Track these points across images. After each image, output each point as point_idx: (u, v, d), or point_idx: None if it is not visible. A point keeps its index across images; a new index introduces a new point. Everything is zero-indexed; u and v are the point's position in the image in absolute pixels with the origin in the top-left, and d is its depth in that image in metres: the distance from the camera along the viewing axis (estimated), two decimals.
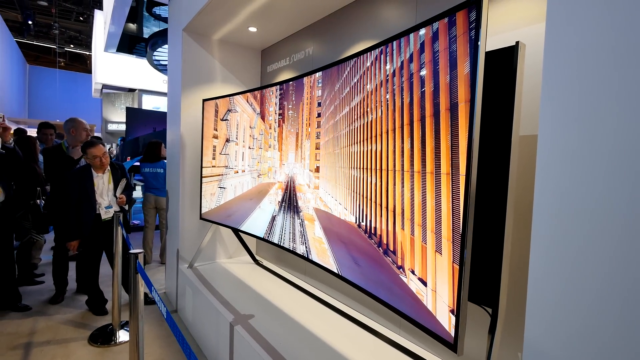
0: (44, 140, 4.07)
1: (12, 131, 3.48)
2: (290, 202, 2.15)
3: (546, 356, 0.71)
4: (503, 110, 1.12)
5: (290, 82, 2.16)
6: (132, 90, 14.15)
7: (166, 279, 3.57)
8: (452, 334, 1.11)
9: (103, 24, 11.28)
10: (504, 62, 1.12)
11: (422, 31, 1.27)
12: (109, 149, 8.15)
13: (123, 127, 13.29)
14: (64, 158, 3.13)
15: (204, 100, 2.93)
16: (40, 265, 4.06)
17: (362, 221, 1.58)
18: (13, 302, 3.02)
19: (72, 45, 17.94)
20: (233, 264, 3.18)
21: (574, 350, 0.67)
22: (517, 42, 1.08)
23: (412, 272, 1.30)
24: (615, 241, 0.62)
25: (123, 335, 2.64)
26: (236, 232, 2.94)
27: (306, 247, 1.98)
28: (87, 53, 18.53)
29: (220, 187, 2.80)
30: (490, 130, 1.16)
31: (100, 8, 12.66)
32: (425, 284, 1.24)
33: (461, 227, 1.08)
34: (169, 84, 3.50)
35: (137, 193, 6.48)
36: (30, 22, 14.69)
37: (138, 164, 5.08)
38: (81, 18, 15.37)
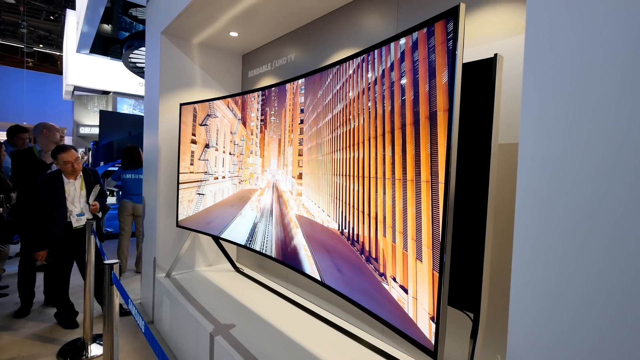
0: (19, 144, 3.76)
1: None
2: (272, 209, 2.12)
3: None
4: (482, 119, 1.15)
5: (273, 88, 2.15)
6: (106, 92, 13.69)
7: (142, 288, 3.44)
8: (433, 341, 1.12)
9: (76, 24, 10.88)
10: (483, 73, 1.16)
11: (402, 40, 1.30)
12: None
13: (96, 130, 12.80)
14: (34, 162, 2.98)
15: (182, 105, 2.87)
16: (4, 276, 3.84)
17: (345, 228, 1.58)
18: None
19: (41, 45, 17.18)
20: (213, 272, 3.11)
21: (556, 357, 0.69)
22: (496, 55, 1.12)
23: (394, 279, 1.31)
24: (596, 246, 0.65)
25: (95, 350, 2.52)
26: (216, 239, 2.88)
27: None
28: (58, 53, 17.80)
29: (199, 194, 2.74)
30: (471, 138, 1.19)
31: (73, 7, 12.22)
32: (406, 291, 1.25)
33: (440, 235, 1.10)
34: (146, 88, 3.41)
35: (110, 199, 6.25)
36: None
37: (114, 168, 4.89)
38: (52, 17, 14.78)
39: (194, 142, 2.78)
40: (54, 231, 2.69)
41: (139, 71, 9.23)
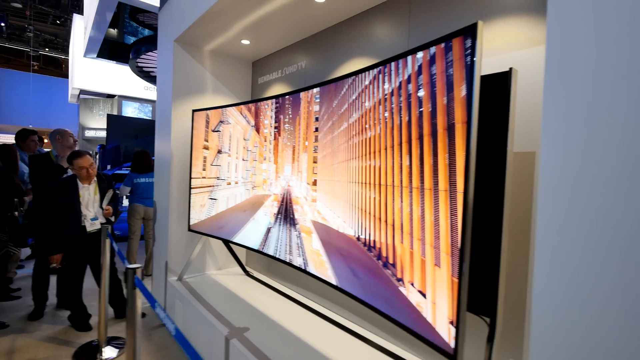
0: (32, 147, 3.85)
1: None
2: (286, 214, 2.17)
3: None
4: (498, 129, 1.19)
5: (287, 96, 2.19)
6: (111, 96, 13.80)
7: (153, 291, 3.48)
8: (452, 345, 1.16)
9: (83, 29, 11.00)
10: (499, 85, 1.20)
11: (420, 54, 1.34)
12: None
13: (101, 134, 12.92)
14: (52, 167, 3.05)
15: (194, 111, 2.92)
16: (15, 279, 3.88)
17: (362, 234, 1.62)
18: None
19: (47, 49, 17.34)
20: (223, 276, 3.15)
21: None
22: (511, 68, 1.16)
23: (412, 284, 1.35)
24: (617, 252, 0.68)
25: (109, 352, 2.56)
26: (228, 244, 2.92)
27: (303, 260, 2.00)
28: (63, 57, 17.95)
29: (211, 199, 2.78)
30: (487, 148, 1.23)
31: (79, 12, 12.34)
32: (424, 296, 1.29)
33: (460, 242, 1.14)
34: (158, 94, 3.46)
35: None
36: (2, 24, 14.13)
37: (122, 172, 4.95)
38: (58, 21, 14.92)
39: (206, 147, 2.84)
40: (69, 235, 2.74)
41: (145, 75, 9.32)
